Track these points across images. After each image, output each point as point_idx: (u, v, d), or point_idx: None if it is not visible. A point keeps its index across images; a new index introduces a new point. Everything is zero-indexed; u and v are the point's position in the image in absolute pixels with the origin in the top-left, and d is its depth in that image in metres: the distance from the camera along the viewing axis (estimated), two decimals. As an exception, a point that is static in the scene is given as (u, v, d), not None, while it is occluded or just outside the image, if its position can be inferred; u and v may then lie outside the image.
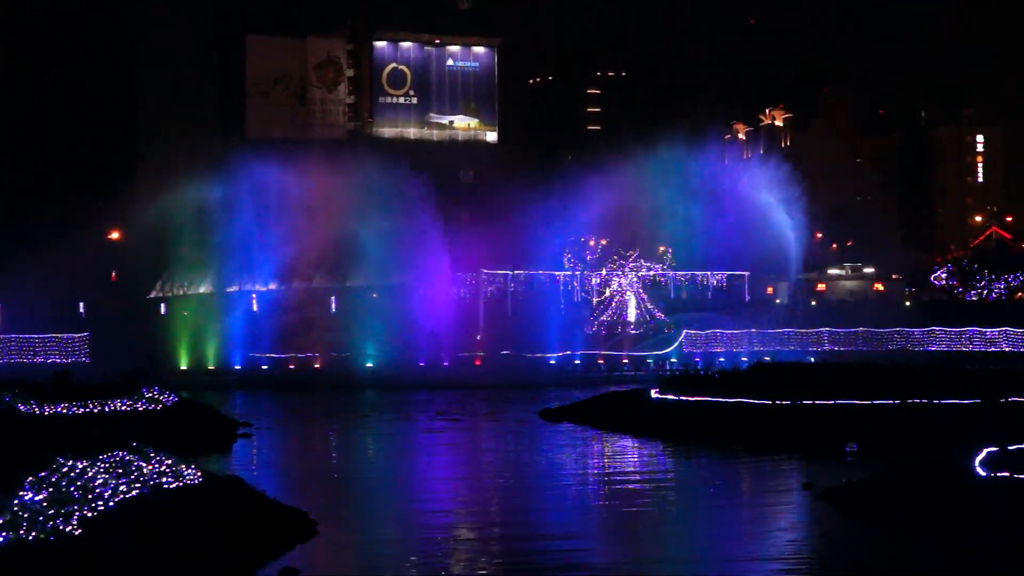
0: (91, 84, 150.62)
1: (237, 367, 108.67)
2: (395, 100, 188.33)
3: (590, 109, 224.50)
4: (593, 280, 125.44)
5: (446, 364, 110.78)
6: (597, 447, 62.06)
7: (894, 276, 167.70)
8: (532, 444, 62.47)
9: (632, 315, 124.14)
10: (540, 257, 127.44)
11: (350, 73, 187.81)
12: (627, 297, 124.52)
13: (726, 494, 46.79)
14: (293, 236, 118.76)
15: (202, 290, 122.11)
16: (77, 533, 27.72)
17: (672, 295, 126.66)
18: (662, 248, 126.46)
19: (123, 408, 59.89)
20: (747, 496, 46.53)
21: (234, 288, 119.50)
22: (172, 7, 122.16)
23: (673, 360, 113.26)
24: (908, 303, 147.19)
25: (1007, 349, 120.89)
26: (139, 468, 34.52)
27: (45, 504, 28.46)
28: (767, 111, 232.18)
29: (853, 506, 39.51)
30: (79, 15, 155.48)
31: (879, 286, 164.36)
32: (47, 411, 57.54)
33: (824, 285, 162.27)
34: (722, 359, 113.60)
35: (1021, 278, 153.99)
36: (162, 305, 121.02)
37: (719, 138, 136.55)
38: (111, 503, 30.41)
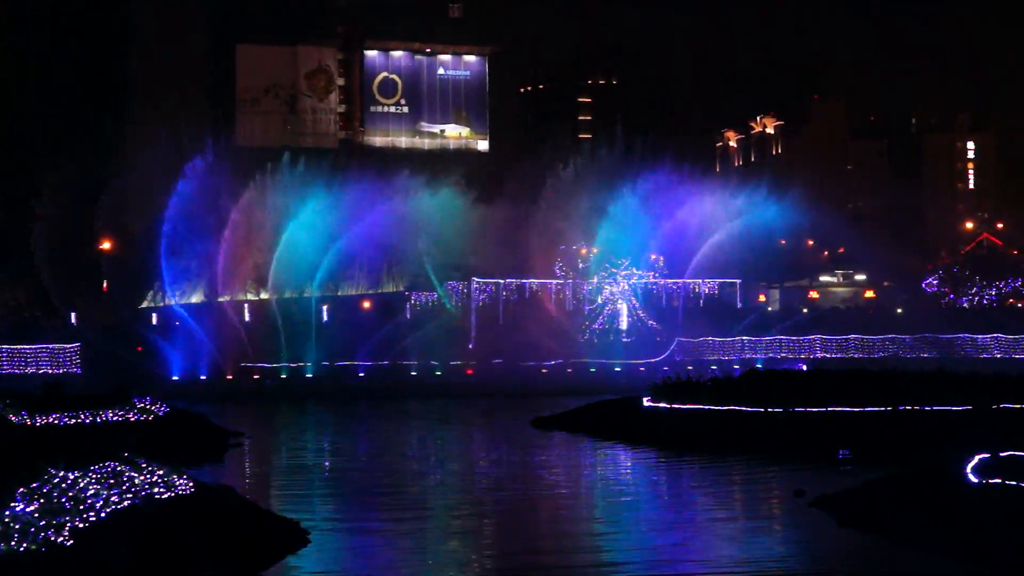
0: (81, 90, 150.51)
1: (229, 377, 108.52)
2: (386, 109, 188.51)
3: (581, 117, 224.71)
4: (585, 288, 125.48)
5: (438, 373, 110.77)
6: (589, 456, 62.11)
7: (885, 283, 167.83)
8: (525, 453, 62.46)
9: (624, 323, 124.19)
10: (532, 265, 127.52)
11: (341, 82, 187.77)
12: (619, 306, 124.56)
13: (718, 502, 46.82)
14: (284, 245, 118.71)
15: (193, 300, 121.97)
16: (69, 544, 27.70)
17: (664, 303, 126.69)
18: (653, 256, 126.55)
19: (115, 418, 59.80)
20: (739, 503, 46.56)
21: (225, 298, 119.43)
22: (163, 16, 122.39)
23: (665, 368, 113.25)
24: (899, 310, 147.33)
25: (998, 355, 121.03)
26: (131, 478, 34.48)
27: (37, 515, 28.42)
28: (758, 118, 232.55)
29: (845, 513, 39.54)
30: (68, 20, 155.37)
31: (870, 293, 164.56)
32: (39, 421, 57.46)
33: (816, 292, 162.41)
34: (714, 367, 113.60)
35: (1012, 284, 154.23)
36: (153, 315, 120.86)
37: (710, 146, 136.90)
38: (103, 513, 30.39)
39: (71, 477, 32.06)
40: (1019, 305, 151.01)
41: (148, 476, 35.47)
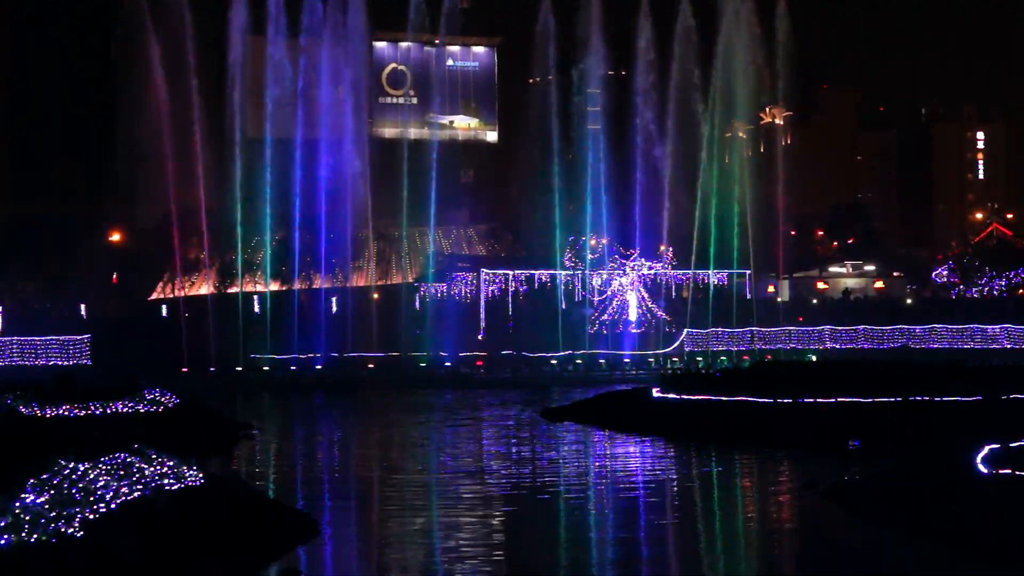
0: (91, 85, 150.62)
1: (239, 368, 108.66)
2: (395, 100, 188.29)
3: (590, 108, 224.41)
4: (594, 279, 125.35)
5: (448, 364, 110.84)
6: (599, 446, 62.12)
7: (895, 273, 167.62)
8: (535, 443, 62.53)
9: (633, 314, 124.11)
10: (541, 256, 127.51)
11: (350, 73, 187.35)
12: (628, 297, 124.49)
13: (727, 493, 46.81)
14: (295, 237, 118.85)
15: (203, 291, 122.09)
16: (79, 535, 27.76)
17: (673, 294, 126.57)
18: (662, 247, 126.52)
19: (125, 410, 59.85)
20: (749, 494, 46.54)
21: (235, 289, 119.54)
22: (172, 8, 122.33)
23: (675, 359, 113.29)
24: (909, 300, 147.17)
25: (1008, 346, 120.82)
26: (141, 470, 34.53)
27: (47, 506, 28.48)
28: (767, 109, 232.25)
29: (855, 504, 39.52)
30: (76, 13, 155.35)
31: (880, 283, 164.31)
32: (49, 413, 57.59)
33: (825, 283, 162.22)
34: (723, 357, 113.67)
35: (1022, 275, 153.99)
36: (163, 307, 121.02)
37: (720, 136, 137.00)
38: (113, 505, 30.44)
39: (81, 468, 32.11)
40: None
41: (158, 467, 35.52)
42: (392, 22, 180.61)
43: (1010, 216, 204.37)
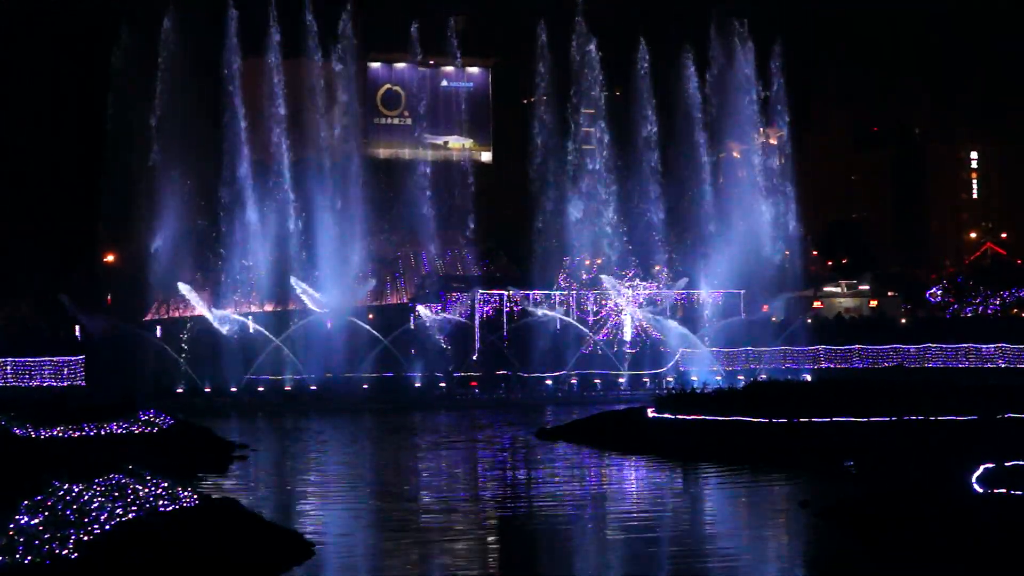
0: (85, 106, 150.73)
1: (233, 389, 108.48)
2: (389, 121, 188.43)
3: (585, 129, 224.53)
4: (589, 299, 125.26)
5: (442, 385, 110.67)
6: (594, 467, 62.04)
7: (889, 293, 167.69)
8: (531, 465, 62.45)
9: (628, 334, 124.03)
10: (535, 276, 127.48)
11: (344, 95, 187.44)
12: (623, 316, 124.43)
13: (723, 512, 46.78)
14: (288, 258, 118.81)
15: (197, 312, 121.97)
16: (73, 557, 27.70)
17: (668, 314, 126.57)
18: (657, 267, 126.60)
19: (119, 431, 59.73)
20: (744, 514, 46.50)
21: (229, 310, 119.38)
22: (169, 30, 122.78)
23: (669, 379, 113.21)
24: (903, 320, 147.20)
25: (1003, 365, 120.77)
26: (135, 491, 34.49)
27: (41, 528, 28.45)
28: (761, 129, 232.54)
29: (850, 524, 39.52)
30: (71, 36, 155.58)
31: (874, 303, 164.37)
32: (43, 434, 57.43)
33: (820, 303, 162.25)
34: (718, 377, 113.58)
35: (1016, 294, 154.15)
36: (158, 328, 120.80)
37: (714, 156, 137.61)
38: (107, 526, 30.39)
39: (75, 490, 32.09)
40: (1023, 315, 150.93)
41: (152, 489, 35.47)
42: (386, 43, 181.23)
43: (1004, 235, 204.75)
